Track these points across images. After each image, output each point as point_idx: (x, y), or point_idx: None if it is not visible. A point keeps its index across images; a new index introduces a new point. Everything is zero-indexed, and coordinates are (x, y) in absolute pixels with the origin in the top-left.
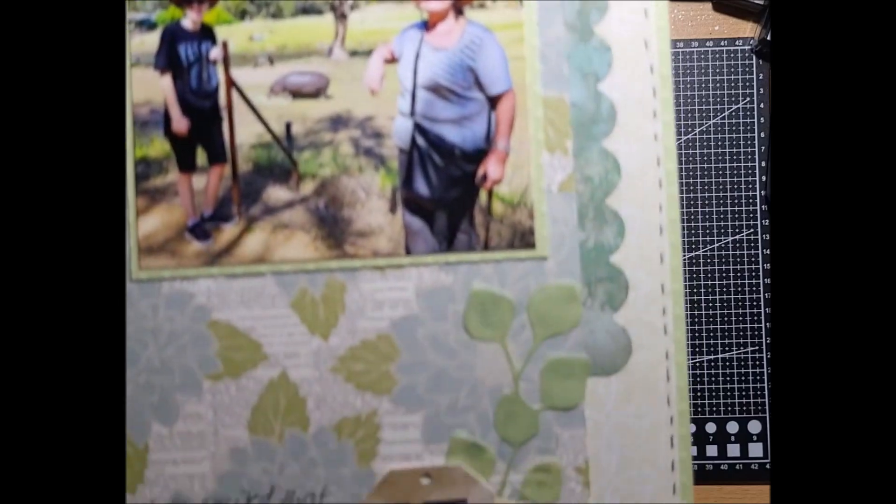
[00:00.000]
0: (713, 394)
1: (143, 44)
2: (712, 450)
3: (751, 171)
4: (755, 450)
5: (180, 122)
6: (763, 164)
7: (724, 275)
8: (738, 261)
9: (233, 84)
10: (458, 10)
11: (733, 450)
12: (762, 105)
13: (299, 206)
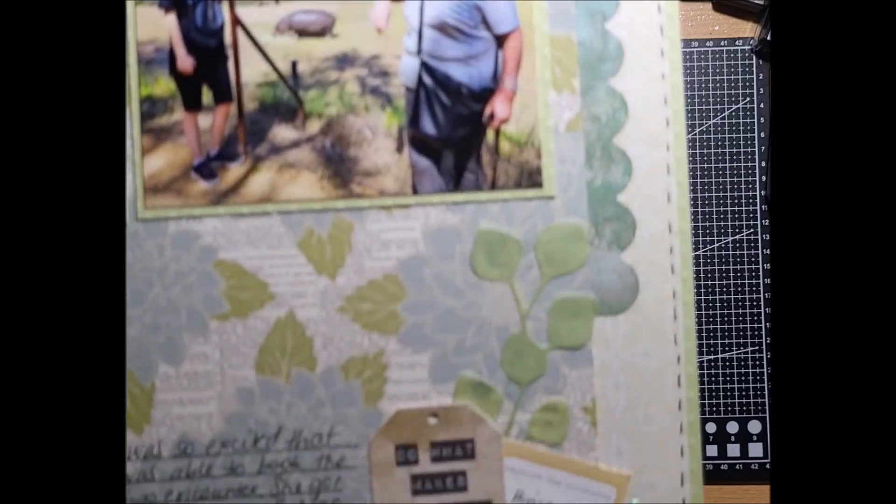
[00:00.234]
0: (713, 394)
1: None
2: (712, 450)
3: (751, 171)
4: (755, 450)
5: (185, 61)
6: (763, 164)
7: (724, 275)
8: (738, 261)
9: (238, 22)
10: None
11: (733, 450)
12: (762, 105)
13: (305, 145)
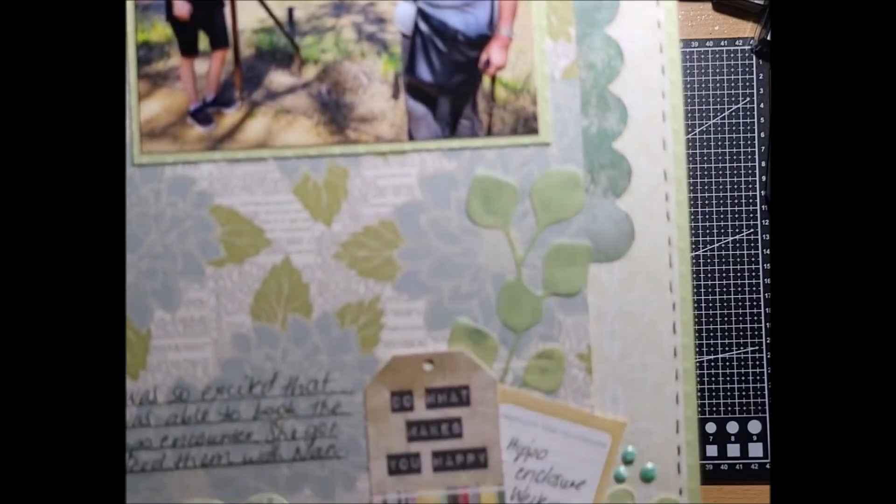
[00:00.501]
0: (713, 394)
1: None
2: (712, 450)
3: (751, 171)
4: (755, 450)
5: (182, 7)
6: (763, 164)
7: (724, 275)
8: (738, 261)
9: None
10: None
11: (733, 450)
12: (762, 105)
13: (301, 91)
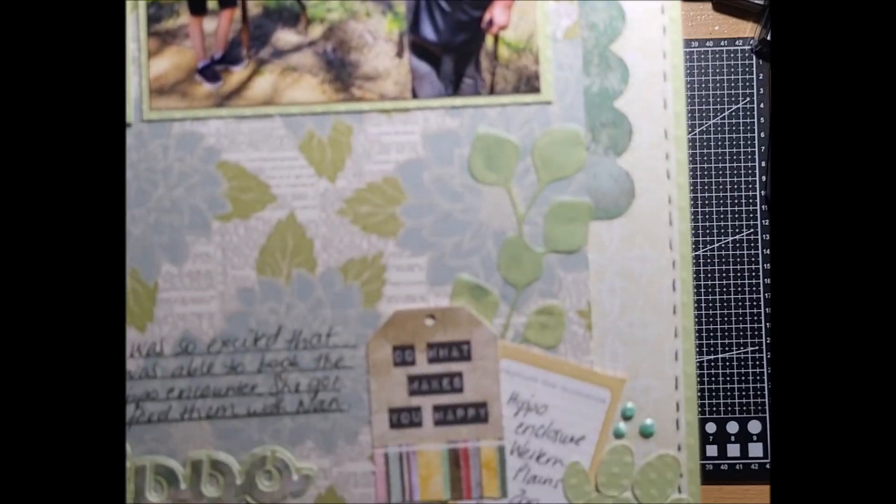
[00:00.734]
0: (713, 394)
1: None
2: (712, 450)
3: (751, 171)
4: (755, 450)
5: None
6: (763, 164)
7: (724, 275)
8: (738, 261)
9: None
10: None
11: (733, 450)
12: (762, 105)
13: (307, 49)
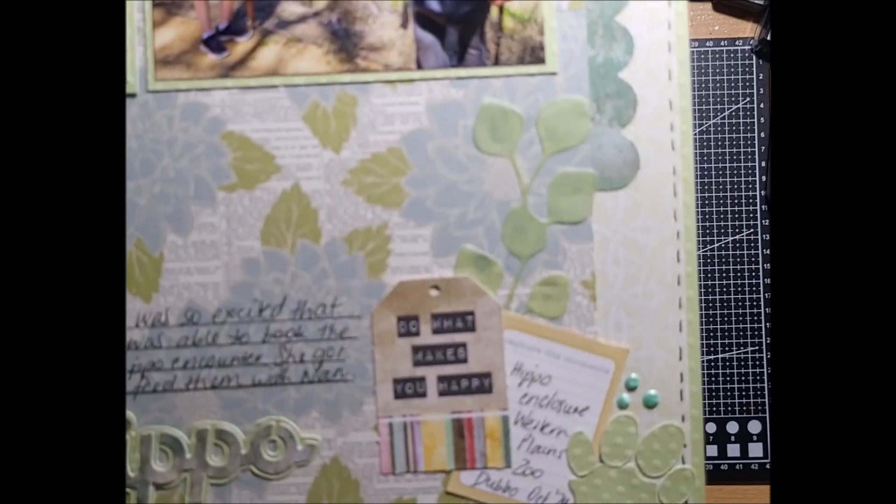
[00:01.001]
0: (713, 394)
1: None
2: (712, 450)
3: (751, 171)
4: (755, 450)
5: None
6: (763, 164)
7: (724, 275)
8: (738, 261)
9: None
10: None
11: (733, 450)
12: (762, 105)
13: (312, 20)
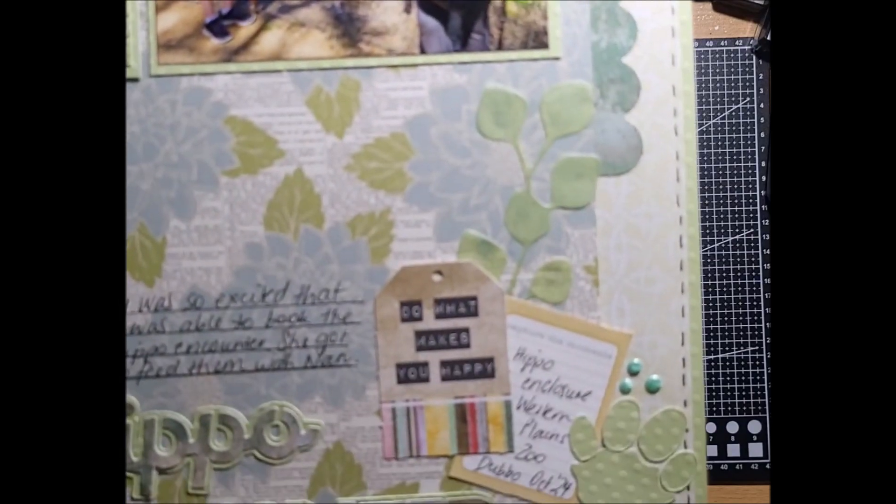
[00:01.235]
0: (713, 394)
1: None
2: (712, 450)
3: (751, 171)
4: (755, 450)
5: None
6: (763, 164)
7: (724, 275)
8: (738, 261)
9: None
10: None
11: (733, 450)
12: (762, 105)
13: (315, 4)
